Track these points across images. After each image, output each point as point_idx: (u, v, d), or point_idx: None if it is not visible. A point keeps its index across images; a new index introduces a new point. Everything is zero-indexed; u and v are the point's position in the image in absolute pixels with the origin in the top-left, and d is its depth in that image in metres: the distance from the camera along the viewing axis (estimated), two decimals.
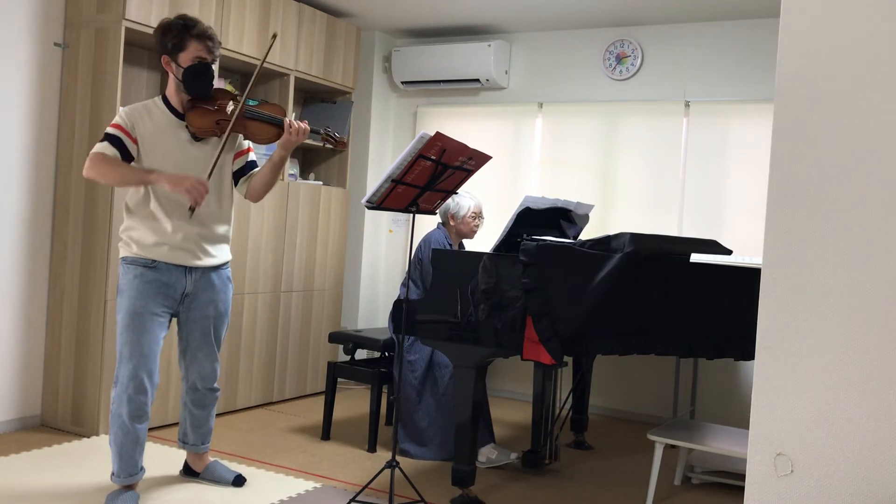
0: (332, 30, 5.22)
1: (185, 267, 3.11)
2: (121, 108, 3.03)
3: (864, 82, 1.85)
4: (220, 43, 3.10)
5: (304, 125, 3.10)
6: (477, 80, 5.48)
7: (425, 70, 5.60)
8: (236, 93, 3.11)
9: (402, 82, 5.74)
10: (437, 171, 3.16)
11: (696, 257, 3.07)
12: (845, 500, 1.86)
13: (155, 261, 3.05)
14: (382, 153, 5.91)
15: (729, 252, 3.75)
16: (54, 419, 4.09)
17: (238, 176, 3.26)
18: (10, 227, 3.95)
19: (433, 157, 3.08)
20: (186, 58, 2.98)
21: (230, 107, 3.07)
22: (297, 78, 4.97)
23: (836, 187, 1.88)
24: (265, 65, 4.69)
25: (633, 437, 4.72)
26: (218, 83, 4.47)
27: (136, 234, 3.05)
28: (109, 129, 2.99)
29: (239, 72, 4.82)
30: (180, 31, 2.98)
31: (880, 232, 1.83)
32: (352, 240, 5.78)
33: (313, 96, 5.48)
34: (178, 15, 3.06)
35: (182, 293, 3.13)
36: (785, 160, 1.93)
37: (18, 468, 3.46)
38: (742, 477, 3.53)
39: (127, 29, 3.93)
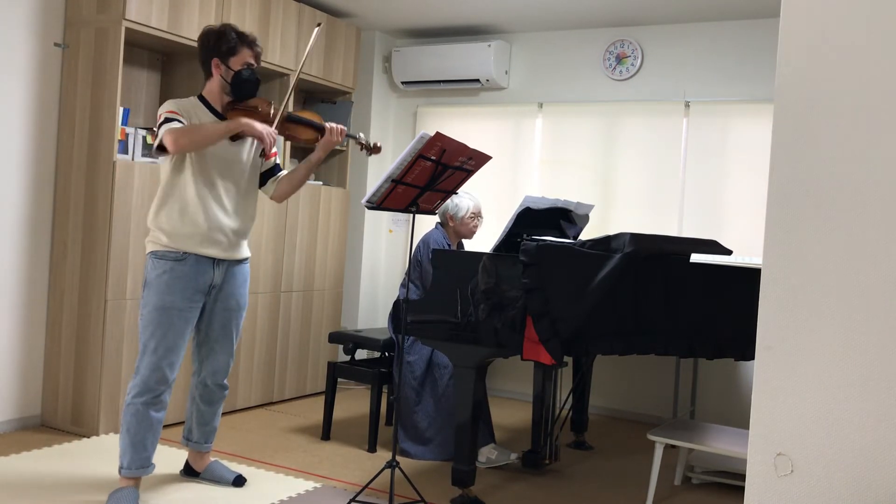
0: (332, 30, 5.22)
1: (214, 259, 3.18)
2: (167, 102, 3.13)
3: (865, 82, 1.85)
4: (262, 51, 3.30)
5: (343, 127, 3.30)
6: (477, 80, 5.48)
7: (425, 70, 5.60)
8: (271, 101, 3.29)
9: (402, 82, 5.74)
10: (437, 172, 3.16)
11: (696, 257, 3.07)
12: (845, 500, 1.86)
13: (185, 253, 3.12)
14: (382, 153, 5.90)
15: (729, 252, 3.75)
16: (54, 419, 4.09)
17: (266, 177, 3.39)
18: (10, 227, 3.95)
19: (433, 158, 3.08)
20: (237, 62, 3.17)
21: (271, 110, 3.22)
22: (296, 78, 4.97)
23: (836, 187, 1.88)
24: (264, 64, 4.70)
25: (633, 437, 4.72)
26: None
27: (169, 223, 3.12)
28: (168, 115, 3.06)
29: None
30: (236, 38, 3.17)
31: (880, 232, 1.83)
32: (352, 240, 5.78)
33: (313, 96, 5.48)
34: (226, 24, 3.23)
35: (209, 285, 3.20)
36: (785, 160, 1.93)
37: (18, 468, 3.46)
38: (742, 477, 3.53)
39: (127, 29, 3.93)
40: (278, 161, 3.45)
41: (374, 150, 3.45)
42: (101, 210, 3.95)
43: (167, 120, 3.04)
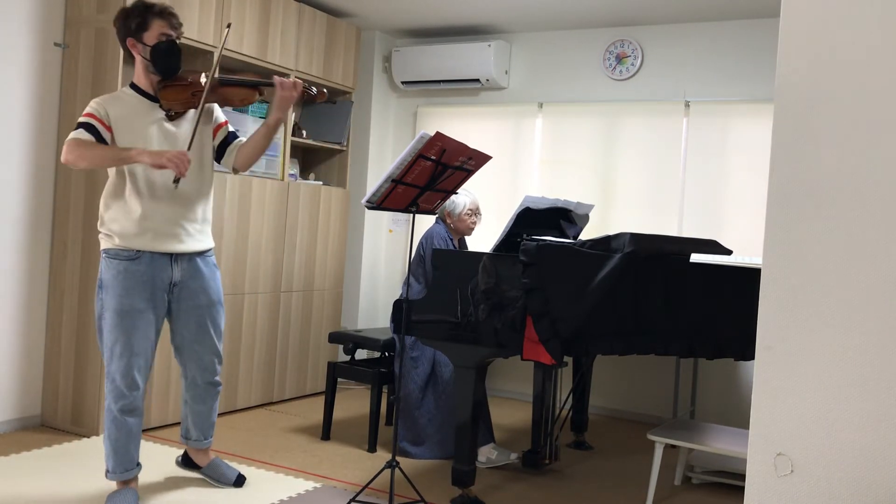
0: (332, 30, 5.22)
1: (171, 255, 3.07)
2: (92, 100, 3.02)
3: (865, 82, 1.85)
4: (181, 23, 3.10)
5: (296, 80, 3.09)
6: (477, 80, 5.48)
7: (425, 70, 5.60)
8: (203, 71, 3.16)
9: (402, 82, 5.74)
10: (437, 171, 3.16)
11: (696, 257, 3.07)
12: (845, 500, 1.86)
13: (139, 252, 3.00)
14: (382, 153, 5.91)
15: (729, 252, 3.75)
16: (54, 419, 4.09)
17: (222, 149, 3.23)
18: (10, 227, 3.95)
19: (433, 157, 3.08)
20: (151, 36, 3.00)
21: (203, 79, 3.07)
22: (297, 78, 4.97)
23: (836, 187, 1.88)
24: (264, 64, 4.70)
25: (633, 437, 4.72)
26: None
27: (117, 224, 3.01)
28: (82, 119, 2.96)
29: (239, 72, 4.81)
30: (142, 11, 3.00)
31: (880, 232, 1.83)
32: (352, 240, 5.78)
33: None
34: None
35: (169, 283, 3.09)
36: (785, 160, 1.93)
37: (18, 468, 3.46)
38: (742, 477, 3.53)
39: None
40: (232, 129, 3.27)
41: (320, 95, 3.22)
42: None
43: (79, 125, 2.94)
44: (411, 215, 3.55)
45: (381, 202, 3.16)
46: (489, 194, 5.49)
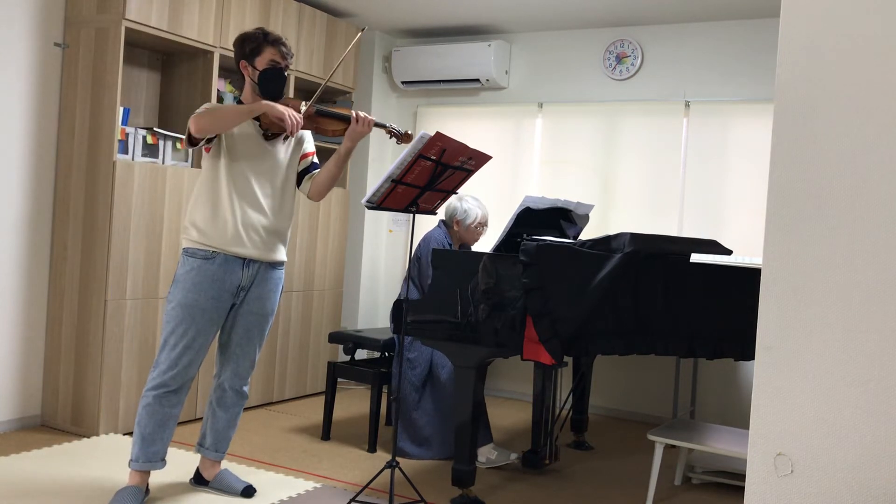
0: (332, 30, 5.22)
1: (244, 259, 3.16)
2: (205, 104, 3.17)
3: (865, 82, 1.86)
4: (293, 54, 3.29)
5: (370, 117, 3.24)
6: (477, 80, 5.49)
7: (425, 70, 5.60)
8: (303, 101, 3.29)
9: (402, 82, 5.74)
10: (437, 171, 3.16)
11: (696, 257, 3.07)
12: (845, 500, 1.86)
13: (215, 251, 3.10)
14: (382, 153, 5.92)
15: (729, 252, 3.75)
16: (54, 419, 4.09)
17: (302, 175, 3.36)
18: (10, 227, 3.95)
19: (433, 157, 3.08)
20: (262, 61, 3.18)
21: (302, 106, 3.20)
22: (297, 78, 4.98)
23: (836, 187, 1.88)
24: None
25: (633, 437, 4.72)
26: (218, 83, 4.48)
27: (202, 220, 3.12)
28: (199, 110, 3.07)
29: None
30: (258, 37, 3.19)
31: (880, 232, 1.83)
32: (352, 240, 5.78)
33: (313, 96, 5.47)
34: (258, 27, 3.25)
35: (238, 286, 3.16)
36: (785, 160, 1.93)
37: (18, 468, 3.46)
38: (742, 477, 3.53)
39: (127, 29, 3.93)
40: (316, 160, 3.42)
41: (405, 137, 3.35)
42: (101, 210, 3.95)
43: (201, 109, 3.08)
44: (411, 215, 3.55)
45: (381, 202, 3.16)
46: (489, 194, 5.49)
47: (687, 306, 3.39)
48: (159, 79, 4.51)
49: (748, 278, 3.27)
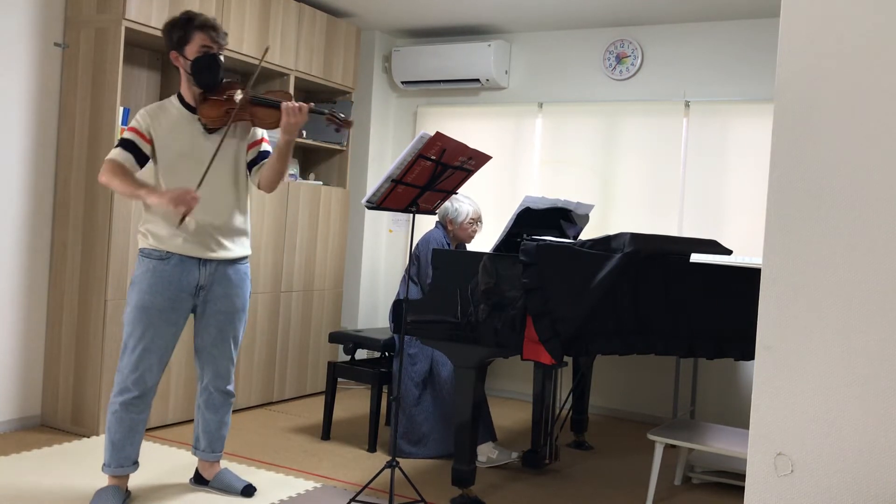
0: (332, 30, 5.22)
1: (199, 259, 3.10)
2: (141, 109, 3.10)
3: (865, 82, 1.85)
4: (225, 34, 3.11)
5: (303, 105, 3.06)
6: (477, 80, 5.49)
7: (425, 70, 5.60)
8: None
9: (402, 82, 5.74)
10: (437, 171, 3.16)
11: (696, 257, 3.07)
12: (845, 500, 1.86)
13: (169, 253, 3.06)
14: (382, 153, 5.92)
15: (729, 252, 3.75)
16: (54, 419, 4.09)
17: (251, 166, 3.24)
18: (10, 227, 3.95)
19: (433, 157, 3.08)
20: (192, 49, 3.02)
21: (238, 95, 3.07)
22: (297, 78, 4.98)
23: (836, 187, 1.88)
24: (265, 65, 4.70)
25: (633, 437, 4.72)
26: None
27: (153, 225, 3.08)
28: (125, 134, 3.03)
29: (240, 72, 4.82)
30: (184, 24, 3.02)
31: (880, 232, 1.83)
32: (352, 240, 5.78)
33: (313, 96, 5.48)
34: (183, 11, 3.09)
35: (196, 286, 3.11)
36: (785, 160, 1.93)
37: (18, 468, 3.46)
38: (742, 477, 3.53)
39: (127, 29, 3.93)
40: (268, 147, 3.26)
41: (346, 124, 3.20)
42: (101, 210, 3.95)
43: (119, 142, 3.01)
44: (411, 215, 3.55)
45: (381, 202, 3.16)
46: (489, 194, 5.49)
47: (687, 306, 3.39)
48: (159, 79, 4.51)
49: (748, 278, 3.27)
